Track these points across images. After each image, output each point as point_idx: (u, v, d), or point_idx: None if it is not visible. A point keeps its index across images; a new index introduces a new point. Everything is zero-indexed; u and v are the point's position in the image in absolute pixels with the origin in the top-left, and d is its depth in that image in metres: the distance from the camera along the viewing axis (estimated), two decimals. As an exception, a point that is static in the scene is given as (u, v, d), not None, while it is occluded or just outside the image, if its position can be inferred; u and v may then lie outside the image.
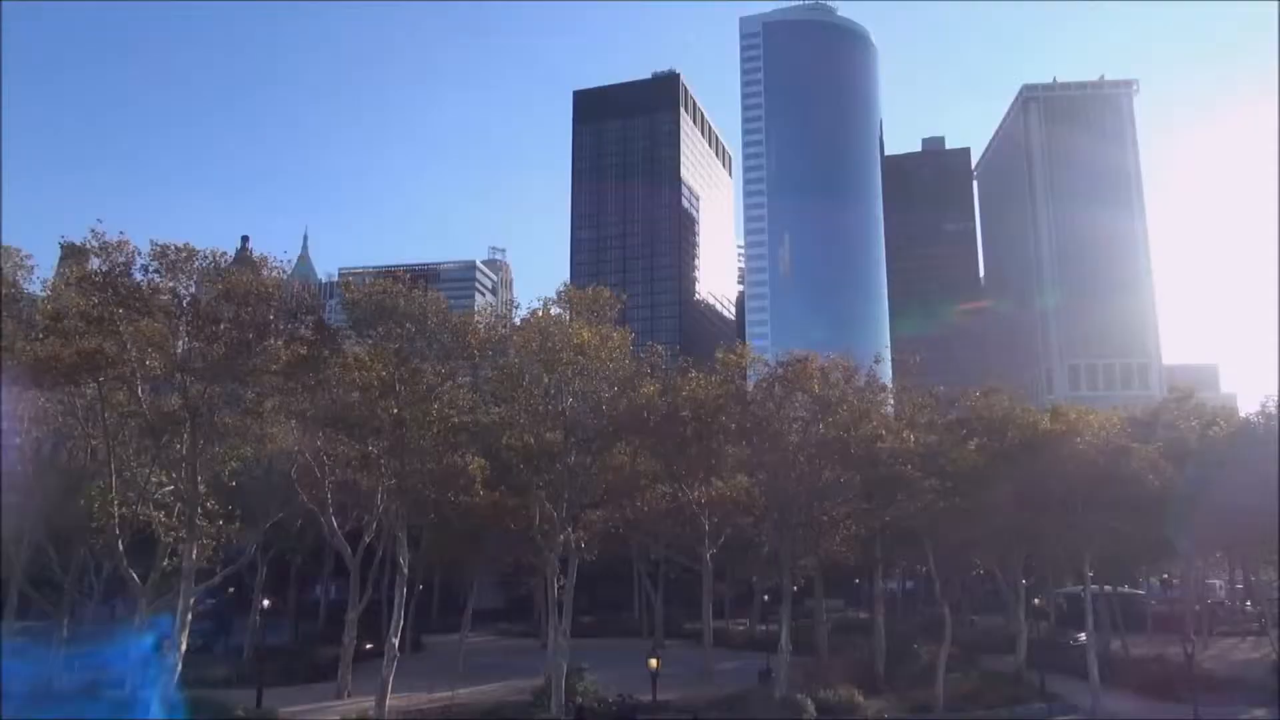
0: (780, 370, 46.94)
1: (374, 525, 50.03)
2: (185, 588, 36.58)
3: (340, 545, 49.09)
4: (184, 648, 37.17)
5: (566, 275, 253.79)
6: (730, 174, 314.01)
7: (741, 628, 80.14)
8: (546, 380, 42.90)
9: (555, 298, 46.66)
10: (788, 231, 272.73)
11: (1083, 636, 53.42)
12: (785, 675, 44.55)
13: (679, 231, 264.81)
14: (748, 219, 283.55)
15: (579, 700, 39.80)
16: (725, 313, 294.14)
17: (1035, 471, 46.22)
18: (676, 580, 77.79)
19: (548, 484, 43.43)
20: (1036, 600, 71.77)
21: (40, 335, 37.92)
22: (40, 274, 45.59)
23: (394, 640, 40.47)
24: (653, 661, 33.88)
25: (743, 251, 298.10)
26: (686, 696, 44.51)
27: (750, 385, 51.21)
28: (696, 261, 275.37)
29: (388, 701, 38.85)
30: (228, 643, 70.80)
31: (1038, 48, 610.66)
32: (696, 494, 53.07)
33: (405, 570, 42.36)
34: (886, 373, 71.27)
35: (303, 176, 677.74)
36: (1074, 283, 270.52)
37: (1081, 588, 54.11)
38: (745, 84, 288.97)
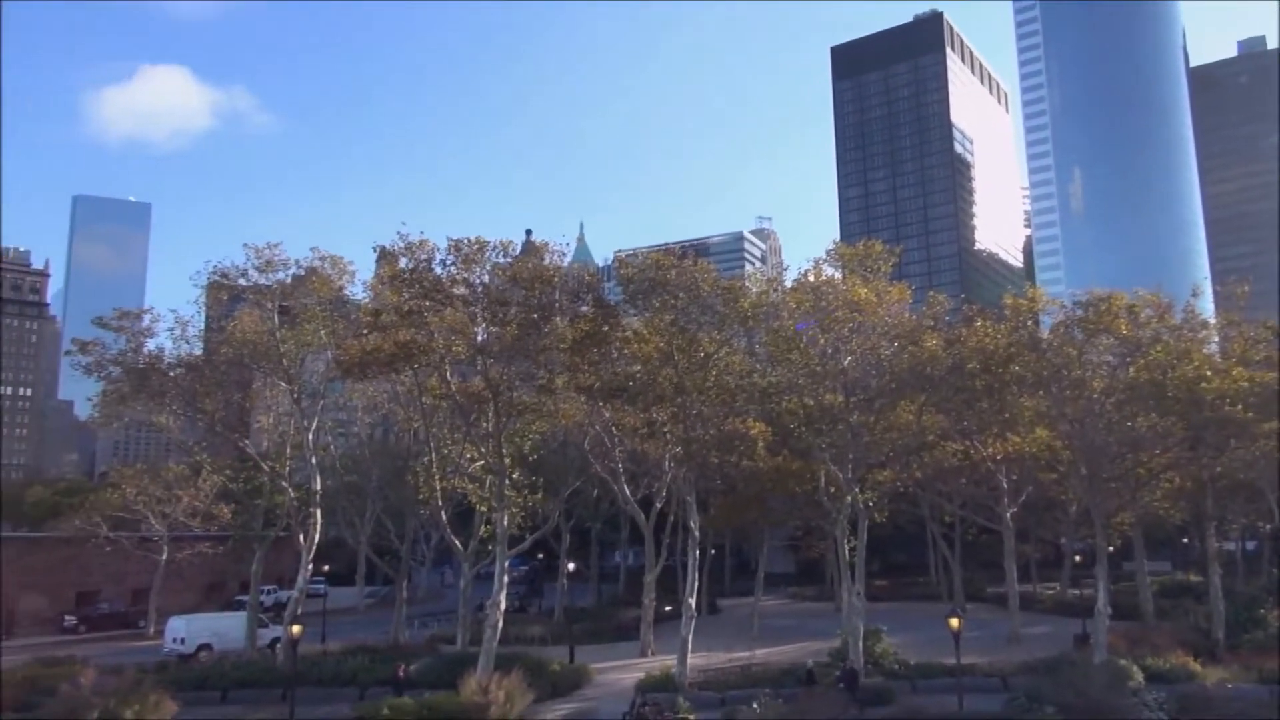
0: (1079, 312, 43.09)
1: (664, 492, 51.81)
2: (500, 552, 39.76)
3: (634, 511, 51.26)
4: (503, 607, 40.47)
5: (837, 237, 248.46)
6: (1007, 110, 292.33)
7: (1050, 591, 75.18)
8: (823, 340, 42.19)
9: (826, 257, 45.77)
10: (1078, 165, 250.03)
11: None
12: (1104, 639, 41.17)
13: (953, 178, 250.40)
14: (1031, 156, 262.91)
15: (808, 665, 39.04)
16: (1011, 259, 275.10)
17: None
18: (974, 542, 74.21)
19: (830, 445, 42.80)
20: None
21: (365, 332, 42.64)
22: (360, 276, 51.28)
23: (690, 601, 41.73)
24: (954, 621, 32.38)
25: (1027, 192, 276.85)
26: (993, 661, 42.35)
27: (1044, 331, 47.54)
28: (974, 208, 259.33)
29: (689, 660, 40.15)
30: (540, 605, 76.55)
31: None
32: (991, 450, 50.12)
33: (696, 534, 43.47)
34: (1207, 307, 63.64)
35: (578, 171, 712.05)
36: None
37: None
38: (1018, 11, 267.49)
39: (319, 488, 49.19)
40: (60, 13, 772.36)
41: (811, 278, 44.32)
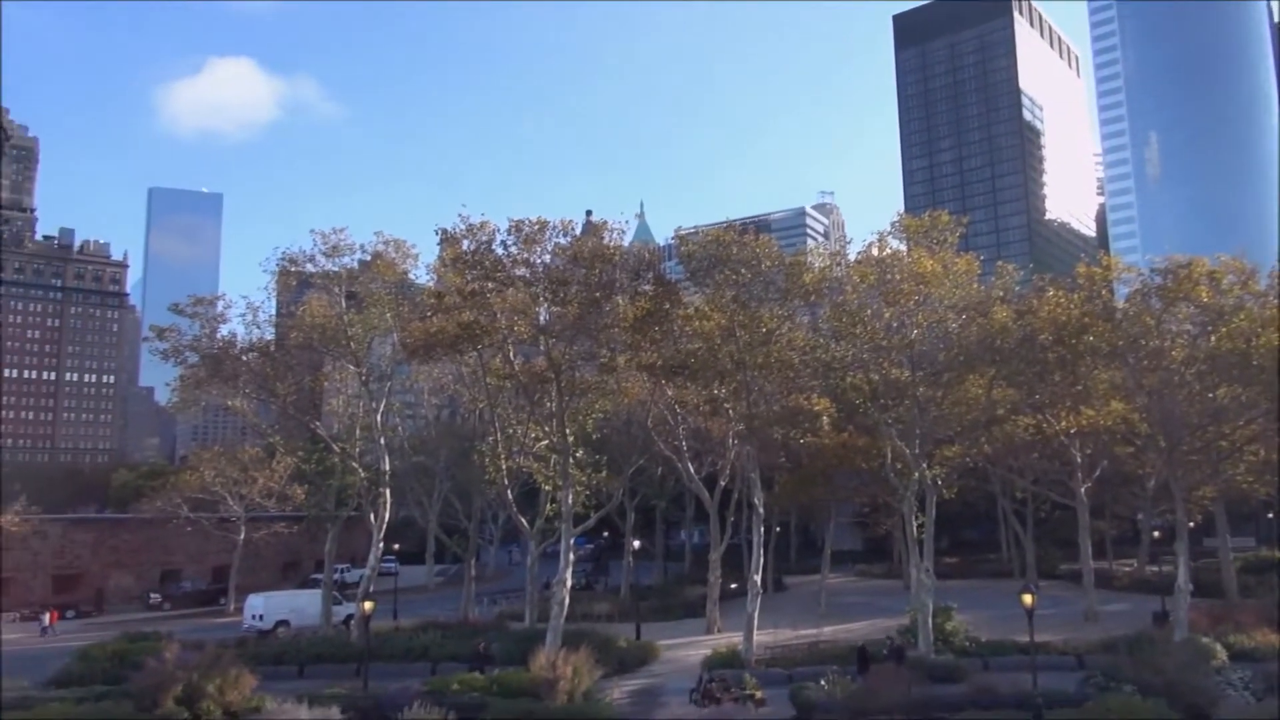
0: (1157, 279, 41.62)
1: (728, 469, 51.64)
2: (565, 529, 40.10)
3: (698, 489, 51.21)
4: (569, 585, 40.82)
5: (901, 210, 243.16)
6: (1079, 75, 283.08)
7: (1127, 569, 73.29)
8: (888, 314, 41.45)
9: (890, 229, 44.87)
10: (1153, 130, 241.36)
11: None
12: (1185, 617, 39.98)
13: (1022, 146, 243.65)
14: (1103, 122, 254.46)
15: (860, 644, 38.63)
16: (1083, 229, 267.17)
17: None
18: (1047, 518, 72.64)
19: (897, 421, 42.13)
20: None
21: (429, 314, 43.14)
22: (424, 259, 51.90)
23: (756, 578, 41.59)
24: (1027, 598, 31.63)
25: (1100, 158, 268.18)
26: (1068, 639, 41.42)
27: (1120, 301, 46.06)
28: (1044, 177, 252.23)
29: (755, 637, 40.05)
30: (606, 582, 77.17)
31: None
32: (1064, 424, 48.85)
33: (761, 511, 43.24)
34: (1294, 273, 61.06)
35: (637, 151, 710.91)
36: None
37: None
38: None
39: (388, 468, 50.08)
40: (129, 11, 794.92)
41: (875, 251, 43.48)
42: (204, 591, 76.53)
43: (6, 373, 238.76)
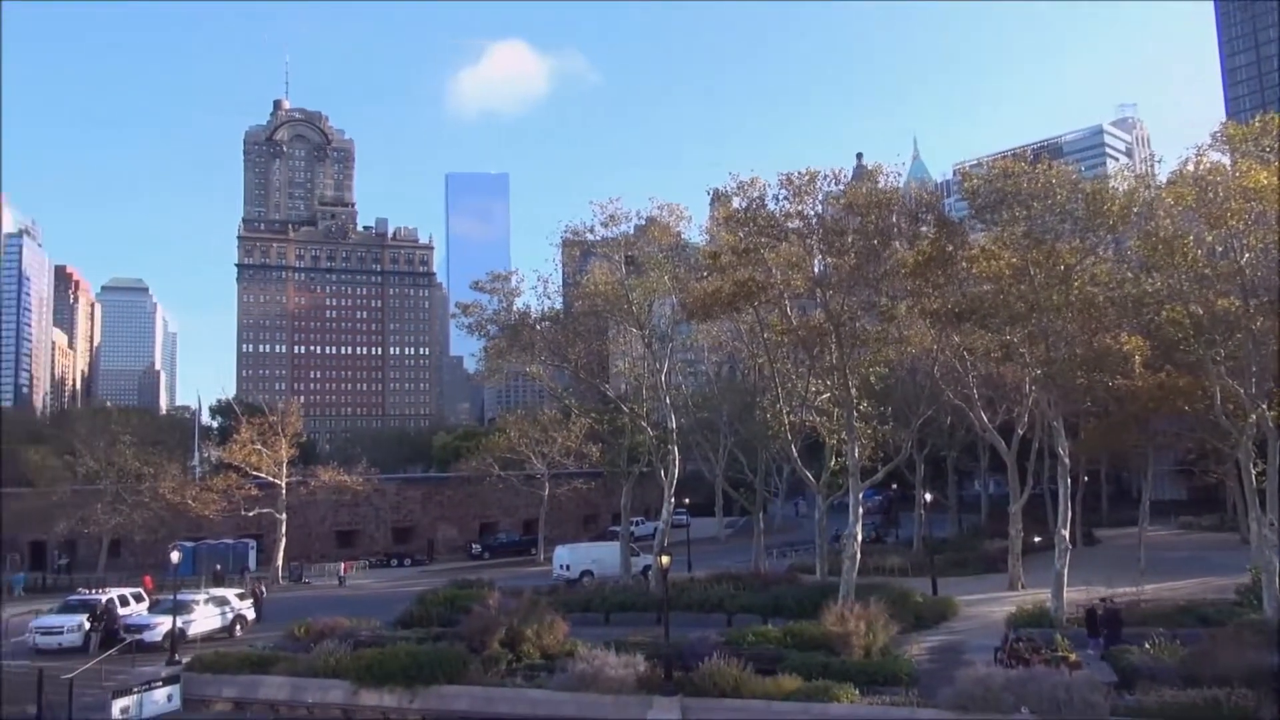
0: None
1: (1025, 417, 48.54)
2: (852, 484, 39.56)
3: (993, 439, 48.60)
4: (860, 538, 40.31)
5: (1223, 117, 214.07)
6: None
7: None
8: (1210, 238, 36.73)
9: (1210, 140, 39.56)
10: None
11: None
12: None
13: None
14: None
15: (1091, 605, 33.95)
16: None
17: None
18: None
19: (1227, 358, 37.41)
20: None
21: (705, 274, 43.86)
22: (696, 220, 52.78)
23: (1063, 531, 38.89)
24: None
25: None
26: None
27: None
28: None
29: (1065, 594, 37.54)
30: (898, 535, 75.50)
31: None
32: None
33: (1065, 461, 40.23)
34: None
35: (907, 84, 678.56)
36: None
37: None
38: None
39: (674, 425, 51.74)
40: (422, 11, 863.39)
41: (1193, 167, 38.51)
42: (517, 542, 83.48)
43: (343, 350, 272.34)
